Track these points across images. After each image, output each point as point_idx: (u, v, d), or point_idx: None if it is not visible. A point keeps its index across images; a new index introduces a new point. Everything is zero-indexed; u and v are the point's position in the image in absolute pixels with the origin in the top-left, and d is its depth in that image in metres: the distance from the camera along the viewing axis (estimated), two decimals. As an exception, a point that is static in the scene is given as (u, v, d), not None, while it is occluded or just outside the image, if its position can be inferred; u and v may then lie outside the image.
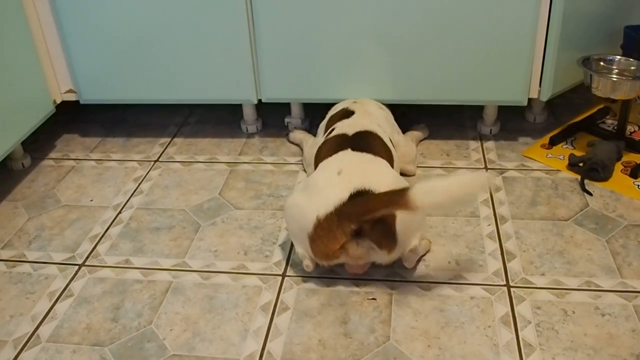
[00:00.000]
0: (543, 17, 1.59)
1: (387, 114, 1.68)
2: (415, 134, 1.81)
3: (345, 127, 1.53)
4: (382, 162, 1.39)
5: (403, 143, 1.66)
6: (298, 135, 1.86)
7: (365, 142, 1.44)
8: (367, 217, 1.21)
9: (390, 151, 1.48)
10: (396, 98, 1.74)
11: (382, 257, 1.27)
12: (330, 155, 1.40)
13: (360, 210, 1.21)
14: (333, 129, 1.54)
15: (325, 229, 1.24)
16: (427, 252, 1.40)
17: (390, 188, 1.24)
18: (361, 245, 1.25)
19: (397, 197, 1.18)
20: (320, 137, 1.60)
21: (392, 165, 1.44)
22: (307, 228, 1.26)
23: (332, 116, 1.67)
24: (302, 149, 1.81)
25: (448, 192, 1.17)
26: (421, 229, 1.34)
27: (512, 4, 1.57)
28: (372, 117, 1.58)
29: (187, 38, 1.71)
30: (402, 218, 1.23)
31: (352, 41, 1.67)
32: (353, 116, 1.59)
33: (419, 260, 1.37)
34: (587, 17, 1.68)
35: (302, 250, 1.31)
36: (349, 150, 1.40)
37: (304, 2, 1.62)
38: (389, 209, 1.20)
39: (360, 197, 1.24)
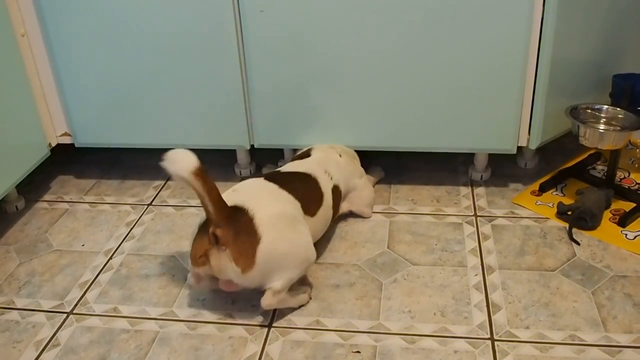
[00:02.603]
0: (531, 65, 1.61)
1: (350, 160, 1.69)
2: (370, 178, 1.82)
3: (288, 167, 1.57)
4: (281, 194, 1.40)
5: (361, 187, 1.69)
6: None
7: (288, 178, 1.47)
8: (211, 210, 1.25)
9: (321, 195, 1.49)
10: (387, 145, 1.75)
11: (237, 275, 1.29)
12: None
13: (217, 212, 1.26)
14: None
15: (201, 233, 1.30)
16: (301, 306, 1.40)
17: (268, 214, 1.29)
18: (220, 255, 1.28)
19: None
20: None
21: (317, 207, 1.46)
22: (193, 233, 1.34)
23: (293, 157, 1.70)
24: None
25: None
26: (293, 272, 1.32)
27: (500, 53, 1.58)
28: (325, 163, 1.59)
29: (181, 85, 1.74)
30: (269, 243, 1.27)
31: (343, 90, 1.68)
32: (307, 159, 1.62)
33: (288, 310, 1.39)
34: (575, 65, 1.70)
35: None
36: (262, 179, 1.45)
37: (295, 52, 1.64)
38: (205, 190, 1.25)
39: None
